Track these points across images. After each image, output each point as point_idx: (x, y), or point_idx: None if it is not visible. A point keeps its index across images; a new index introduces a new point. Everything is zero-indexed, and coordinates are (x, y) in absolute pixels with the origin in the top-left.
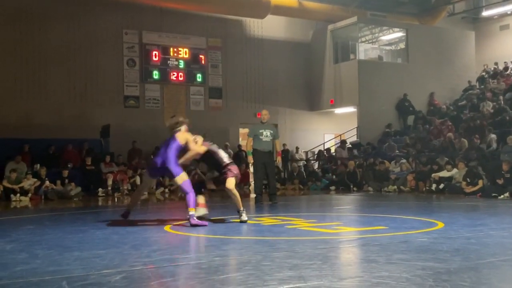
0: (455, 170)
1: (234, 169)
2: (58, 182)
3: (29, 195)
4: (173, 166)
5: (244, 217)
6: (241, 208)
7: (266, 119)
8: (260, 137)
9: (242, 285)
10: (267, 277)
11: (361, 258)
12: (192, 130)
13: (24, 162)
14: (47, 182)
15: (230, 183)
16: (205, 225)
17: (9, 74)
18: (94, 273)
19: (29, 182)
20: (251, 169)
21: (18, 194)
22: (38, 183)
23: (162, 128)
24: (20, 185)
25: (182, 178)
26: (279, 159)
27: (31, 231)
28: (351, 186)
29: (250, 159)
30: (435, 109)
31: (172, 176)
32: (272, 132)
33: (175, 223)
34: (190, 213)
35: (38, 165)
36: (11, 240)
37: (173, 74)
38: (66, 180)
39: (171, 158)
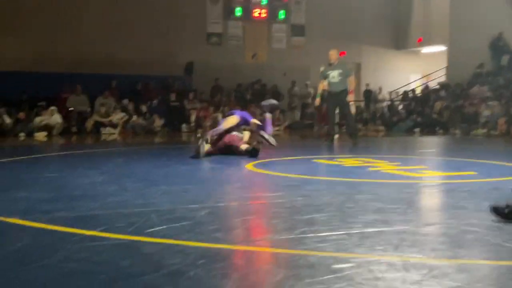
0: None
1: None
2: (144, 116)
3: (118, 128)
4: None
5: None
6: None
7: (334, 60)
8: (328, 78)
9: (325, 226)
10: (350, 219)
11: (448, 204)
12: (274, 68)
13: (112, 97)
14: (135, 117)
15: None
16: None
17: (98, 13)
18: (180, 207)
19: (117, 116)
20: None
21: (108, 128)
22: (126, 117)
23: (244, 65)
24: (109, 118)
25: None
26: (350, 97)
27: (120, 164)
28: (437, 129)
29: (317, 101)
30: None
31: None
32: (341, 71)
33: (256, 162)
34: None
35: (127, 100)
36: (102, 172)
37: (256, 11)
38: (147, 114)
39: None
